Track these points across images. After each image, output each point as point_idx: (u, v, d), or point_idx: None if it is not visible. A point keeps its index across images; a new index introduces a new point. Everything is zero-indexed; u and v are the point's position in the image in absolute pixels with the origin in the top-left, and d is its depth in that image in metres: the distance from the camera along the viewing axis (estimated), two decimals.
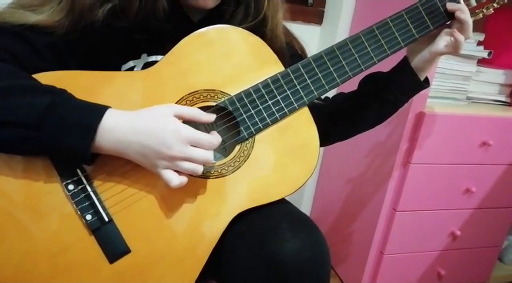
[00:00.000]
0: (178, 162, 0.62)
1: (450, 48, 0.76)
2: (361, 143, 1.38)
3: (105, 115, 0.60)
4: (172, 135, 0.61)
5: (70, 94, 0.62)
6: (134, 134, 0.61)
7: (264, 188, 0.70)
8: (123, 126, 0.61)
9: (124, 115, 0.62)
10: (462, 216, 1.35)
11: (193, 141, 0.62)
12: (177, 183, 0.62)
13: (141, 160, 0.63)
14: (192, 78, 0.68)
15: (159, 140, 0.61)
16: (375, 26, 0.74)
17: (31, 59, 0.66)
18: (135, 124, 0.61)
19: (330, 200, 1.61)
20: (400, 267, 1.36)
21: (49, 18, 0.65)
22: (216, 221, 0.68)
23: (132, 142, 0.61)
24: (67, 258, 0.64)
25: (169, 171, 0.62)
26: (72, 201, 0.64)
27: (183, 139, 0.61)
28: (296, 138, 0.72)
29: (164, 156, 0.61)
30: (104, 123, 0.60)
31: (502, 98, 1.40)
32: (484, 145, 1.25)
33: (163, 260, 0.67)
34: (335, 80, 0.73)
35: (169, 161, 0.61)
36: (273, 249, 0.62)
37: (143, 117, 0.62)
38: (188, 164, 0.62)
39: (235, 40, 0.70)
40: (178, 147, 0.61)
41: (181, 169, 0.62)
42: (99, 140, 0.60)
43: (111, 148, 0.61)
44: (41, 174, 0.63)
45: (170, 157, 0.61)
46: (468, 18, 0.74)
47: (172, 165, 0.62)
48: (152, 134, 0.61)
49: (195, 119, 0.64)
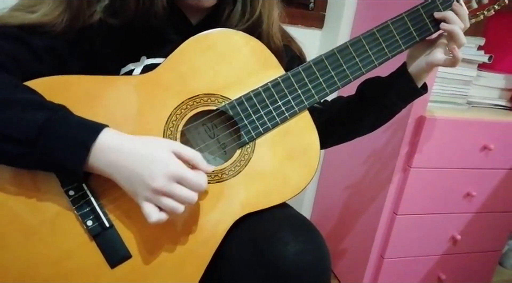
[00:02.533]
0: (159, 196, 0.59)
1: (447, 62, 0.76)
2: (362, 147, 1.38)
3: (100, 134, 0.59)
4: (159, 167, 0.59)
5: (68, 111, 0.61)
6: (125, 158, 0.59)
7: (265, 192, 0.70)
8: (117, 147, 0.59)
9: (120, 137, 0.60)
10: (462, 220, 1.35)
11: (179, 178, 0.59)
12: (155, 220, 0.59)
13: (126, 186, 0.60)
14: (192, 82, 0.68)
15: (146, 168, 0.59)
16: (375, 29, 0.74)
17: (31, 63, 0.66)
18: (129, 148, 0.60)
19: (330, 204, 1.61)
20: (400, 271, 1.35)
21: (46, 15, 0.65)
22: (217, 226, 0.68)
23: (122, 166, 0.59)
24: (69, 264, 0.64)
25: (149, 205, 0.60)
26: (73, 207, 0.63)
27: (169, 174, 0.59)
28: (297, 141, 0.71)
29: (147, 187, 0.59)
30: (99, 142, 0.59)
31: (502, 102, 1.40)
32: (485, 150, 1.25)
33: (164, 265, 0.67)
34: (336, 84, 0.73)
35: (151, 193, 0.59)
36: (273, 253, 0.62)
37: (139, 142, 0.61)
38: (168, 200, 0.59)
39: (236, 43, 0.70)
40: (162, 181, 0.58)
41: (160, 205, 0.60)
42: (92, 160, 0.59)
43: (101, 169, 0.60)
44: (41, 181, 0.63)
45: (152, 189, 0.59)
46: (453, 27, 0.72)
47: (153, 198, 0.59)
48: (141, 161, 0.59)
49: (193, 162, 0.62)
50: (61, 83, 0.64)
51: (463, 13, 0.74)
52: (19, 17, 0.65)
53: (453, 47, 0.74)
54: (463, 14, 0.74)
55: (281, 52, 0.79)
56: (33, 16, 0.65)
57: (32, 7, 0.66)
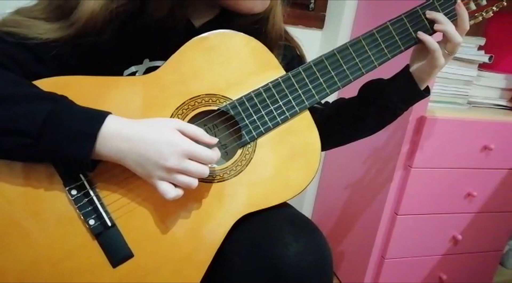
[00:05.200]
0: (174, 174, 0.61)
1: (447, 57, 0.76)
2: (362, 147, 1.38)
3: (105, 121, 0.60)
4: (169, 147, 0.60)
5: (70, 101, 0.62)
6: (132, 143, 0.60)
7: (265, 192, 0.70)
8: (122, 133, 0.60)
9: (125, 123, 0.61)
10: (463, 221, 1.35)
11: (190, 154, 0.61)
12: (173, 196, 0.61)
13: (138, 169, 0.62)
14: (193, 83, 0.69)
15: (157, 150, 0.60)
16: (375, 30, 0.74)
17: (33, 65, 0.66)
18: (135, 133, 0.61)
19: (331, 204, 1.61)
20: (401, 271, 1.35)
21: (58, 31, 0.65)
22: (218, 225, 0.68)
23: (130, 150, 0.60)
24: (71, 263, 0.64)
25: (164, 183, 0.62)
26: (75, 206, 0.64)
27: (180, 152, 0.61)
28: (298, 141, 0.72)
29: (160, 167, 0.61)
30: (104, 129, 0.59)
31: (503, 102, 1.40)
32: (485, 150, 1.25)
33: (166, 265, 0.67)
34: (336, 84, 0.73)
35: (165, 173, 0.61)
36: (274, 253, 0.62)
37: (144, 126, 0.62)
38: (184, 177, 0.62)
39: (237, 44, 0.70)
40: (175, 160, 0.60)
41: (176, 182, 0.62)
42: (98, 147, 0.60)
43: (110, 155, 0.61)
44: (44, 179, 0.63)
45: (167, 169, 0.61)
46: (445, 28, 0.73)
47: (168, 177, 0.61)
48: (150, 144, 0.60)
49: (197, 138, 0.64)
50: (63, 83, 0.65)
51: (464, 15, 0.74)
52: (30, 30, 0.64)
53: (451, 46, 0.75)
54: (463, 16, 0.74)
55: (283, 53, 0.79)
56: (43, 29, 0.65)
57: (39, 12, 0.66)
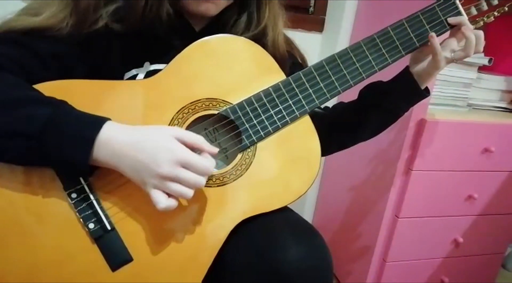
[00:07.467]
0: (167, 182, 0.60)
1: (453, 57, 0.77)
2: (363, 150, 1.38)
3: (103, 127, 0.60)
4: (164, 154, 0.59)
5: (70, 105, 0.62)
6: (129, 148, 0.60)
7: (265, 196, 0.70)
8: (119, 139, 0.60)
9: (123, 129, 0.61)
10: (464, 223, 1.35)
11: (184, 163, 0.60)
12: (163, 206, 0.60)
13: (133, 176, 0.61)
14: (194, 87, 0.69)
15: (151, 156, 0.59)
16: (376, 35, 0.74)
17: (35, 68, 0.66)
18: (132, 138, 0.60)
19: (332, 208, 1.61)
20: (402, 274, 1.35)
21: (51, 18, 0.65)
22: (218, 229, 0.68)
23: (126, 156, 0.60)
24: (70, 267, 0.64)
25: (157, 192, 0.60)
26: (75, 210, 0.64)
27: (174, 160, 0.59)
28: (298, 146, 0.72)
29: (153, 174, 0.59)
30: (101, 135, 0.59)
31: (503, 104, 1.40)
32: (486, 152, 1.25)
33: (165, 269, 0.67)
34: (336, 89, 0.73)
35: (158, 180, 0.59)
36: (275, 257, 0.62)
37: (141, 133, 0.61)
38: (177, 186, 0.60)
39: (237, 49, 0.71)
40: (168, 167, 0.59)
41: (169, 191, 0.60)
42: (96, 152, 0.59)
43: (106, 161, 0.60)
44: (44, 183, 0.63)
45: (159, 176, 0.59)
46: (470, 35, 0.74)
47: (161, 185, 0.60)
48: (145, 150, 0.60)
49: (197, 146, 0.62)
50: (64, 87, 0.65)
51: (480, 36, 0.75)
52: (24, 21, 0.65)
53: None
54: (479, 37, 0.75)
55: (286, 61, 0.79)
56: (38, 19, 0.65)
57: (37, 9, 0.67)
